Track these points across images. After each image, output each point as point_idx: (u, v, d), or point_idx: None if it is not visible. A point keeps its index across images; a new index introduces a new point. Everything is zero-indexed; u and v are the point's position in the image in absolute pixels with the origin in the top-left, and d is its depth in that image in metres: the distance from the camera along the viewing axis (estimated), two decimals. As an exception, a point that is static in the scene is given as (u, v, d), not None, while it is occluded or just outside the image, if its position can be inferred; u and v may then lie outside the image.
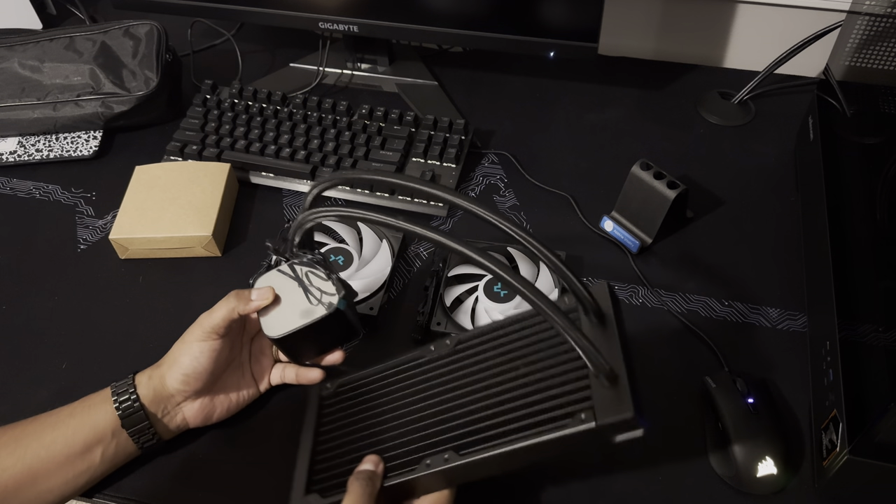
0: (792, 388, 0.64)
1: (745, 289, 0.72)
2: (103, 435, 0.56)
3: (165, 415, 0.59)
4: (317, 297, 0.57)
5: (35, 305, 0.73)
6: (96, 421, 0.56)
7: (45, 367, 0.68)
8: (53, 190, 0.84)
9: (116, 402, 0.56)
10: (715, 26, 0.95)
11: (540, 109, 0.92)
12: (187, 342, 0.58)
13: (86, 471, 0.56)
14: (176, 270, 0.75)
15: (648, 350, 0.67)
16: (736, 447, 0.57)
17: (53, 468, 0.54)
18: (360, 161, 0.81)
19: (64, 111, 0.85)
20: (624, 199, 0.75)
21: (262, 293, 0.58)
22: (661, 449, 0.61)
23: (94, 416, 0.56)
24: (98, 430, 0.56)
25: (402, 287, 0.73)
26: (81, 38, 0.88)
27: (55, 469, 0.54)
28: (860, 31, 0.68)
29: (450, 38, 0.85)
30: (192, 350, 0.57)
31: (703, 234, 0.77)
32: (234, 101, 0.88)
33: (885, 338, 0.50)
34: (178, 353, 0.58)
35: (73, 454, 0.55)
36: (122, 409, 0.56)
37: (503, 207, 0.80)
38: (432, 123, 0.85)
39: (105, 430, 0.56)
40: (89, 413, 0.56)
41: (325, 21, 0.87)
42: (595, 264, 0.75)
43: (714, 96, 0.91)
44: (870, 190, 0.60)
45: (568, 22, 0.80)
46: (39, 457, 0.54)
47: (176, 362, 0.57)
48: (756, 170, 0.83)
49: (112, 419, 0.56)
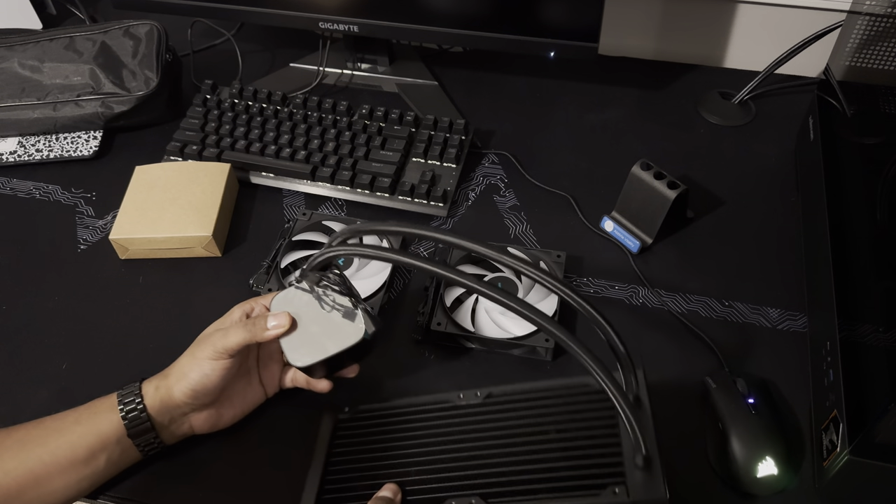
0: (792, 388, 0.64)
1: (745, 289, 0.72)
2: (108, 442, 0.56)
3: (172, 423, 0.59)
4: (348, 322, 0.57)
5: (35, 305, 0.73)
6: (101, 429, 0.56)
7: (45, 367, 0.68)
8: (53, 190, 0.84)
9: (123, 412, 0.56)
10: (715, 26, 0.95)
11: (540, 109, 0.92)
12: (198, 358, 0.57)
13: (89, 476, 0.56)
14: (176, 270, 0.75)
15: (648, 350, 0.67)
16: (736, 447, 0.57)
17: (56, 473, 0.54)
18: (361, 161, 0.81)
19: (64, 111, 0.85)
20: (624, 199, 0.75)
21: (280, 321, 0.57)
22: (662, 449, 0.61)
23: (99, 424, 0.56)
24: (103, 438, 0.56)
25: (403, 287, 0.73)
26: (81, 38, 0.88)
27: (58, 473, 0.54)
28: (860, 31, 0.68)
29: (450, 38, 0.85)
30: (203, 367, 0.56)
31: (704, 234, 0.77)
32: (234, 101, 0.88)
33: (885, 338, 0.50)
34: (187, 368, 0.57)
35: (78, 460, 0.55)
36: (129, 418, 0.56)
37: (503, 207, 0.80)
38: (432, 123, 0.85)
39: (110, 437, 0.56)
40: (95, 420, 0.56)
41: (325, 21, 0.87)
42: (595, 264, 0.75)
43: (714, 96, 0.91)
44: (870, 190, 0.60)
45: (568, 22, 0.80)
46: (43, 461, 0.54)
47: (185, 377, 0.57)
48: (756, 170, 0.83)
49: (118, 427, 0.56)
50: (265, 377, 0.62)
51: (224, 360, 0.56)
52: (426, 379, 0.66)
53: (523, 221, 0.79)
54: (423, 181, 0.79)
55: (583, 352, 0.47)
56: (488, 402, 0.57)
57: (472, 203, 0.81)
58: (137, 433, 0.56)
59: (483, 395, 0.58)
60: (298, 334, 0.58)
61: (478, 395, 0.58)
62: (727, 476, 0.59)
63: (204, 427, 0.60)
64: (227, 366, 0.57)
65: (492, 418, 0.56)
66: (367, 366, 0.63)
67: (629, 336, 0.68)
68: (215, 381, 0.57)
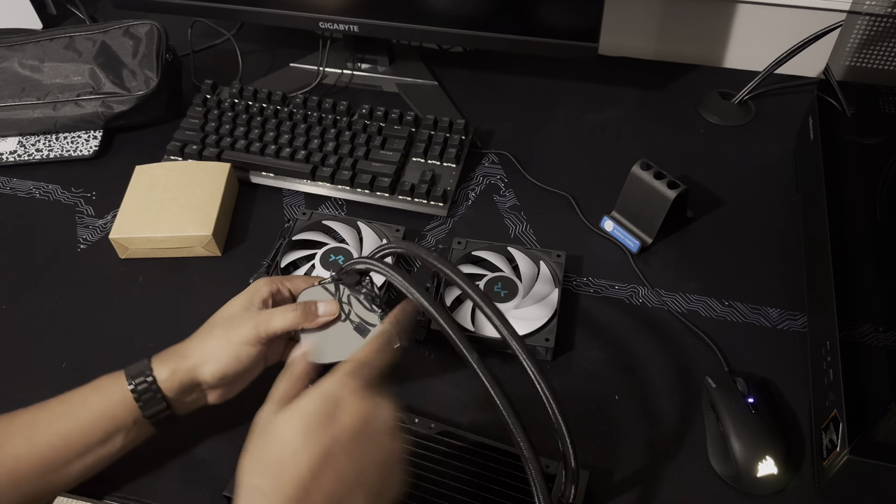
0: (792, 388, 0.64)
1: (745, 289, 0.72)
2: (123, 423, 0.55)
3: (188, 398, 0.57)
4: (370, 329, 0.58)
5: (35, 305, 0.73)
6: (115, 411, 0.55)
7: (45, 367, 0.68)
8: (53, 190, 0.84)
9: (135, 392, 0.55)
10: (715, 26, 0.95)
11: (540, 109, 0.92)
12: (233, 342, 0.55)
13: (107, 455, 0.55)
14: (176, 270, 0.75)
15: (648, 350, 0.67)
16: (736, 447, 0.57)
17: (73, 457, 0.54)
18: (360, 161, 0.81)
19: (64, 111, 0.85)
20: (624, 199, 0.76)
21: (329, 309, 0.57)
22: (662, 449, 0.61)
23: (111, 407, 0.55)
24: (118, 420, 0.55)
25: (403, 287, 0.73)
26: (81, 37, 0.88)
27: (74, 458, 0.54)
28: (860, 31, 0.68)
29: (450, 38, 0.85)
30: (238, 352, 0.55)
31: (703, 234, 0.77)
32: (234, 101, 0.88)
33: (885, 338, 0.50)
34: (220, 351, 0.55)
35: (93, 443, 0.54)
36: (143, 399, 0.55)
37: (503, 207, 0.80)
38: (432, 123, 0.85)
39: (125, 418, 0.55)
40: (106, 402, 0.55)
41: (325, 21, 0.87)
42: (595, 264, 0.75)
43: (714, 96, 0.91)
44: (870, 190, 0.60)
45: (568, 22, 0.80)
46: (55, 446, 0.53)
47: (217, 359, 0.55)
48: (756, 170, 0.83)
49: (131, 407, 0.55)
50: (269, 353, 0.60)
51: (259, 345, 0.56)
52: (426, 378, 0.66)
53: (523, 221, 0.79)
54: (423, 181, 0.79)
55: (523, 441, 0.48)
56: (438, 437, 0.60)
57: (472, 203, 0.81)
58: (153, 413, 0.55)
59: (437, 430, 0.60)
60: (321, 332, 0.58)
61: (431, 427, 0.60)
62: (727, 476, 0.59)
63: (218, 399, 0.59)
64: (262, 351, 0.56)
65: (432, 453, 0.59)
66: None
67: (629, 336, 0.69)
68: (247, 365, 0.56)
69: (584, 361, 0.67)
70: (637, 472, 0.60)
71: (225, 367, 0.55)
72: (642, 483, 0.59)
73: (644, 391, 0.65)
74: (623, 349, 0.68)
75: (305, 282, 0.61)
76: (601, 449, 0.61)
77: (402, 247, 0.57)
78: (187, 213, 0.75)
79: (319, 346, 0.57)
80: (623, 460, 0.61)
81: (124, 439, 0.56)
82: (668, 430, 0.62)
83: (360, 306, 0.59)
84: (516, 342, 0.49)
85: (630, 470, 0.60)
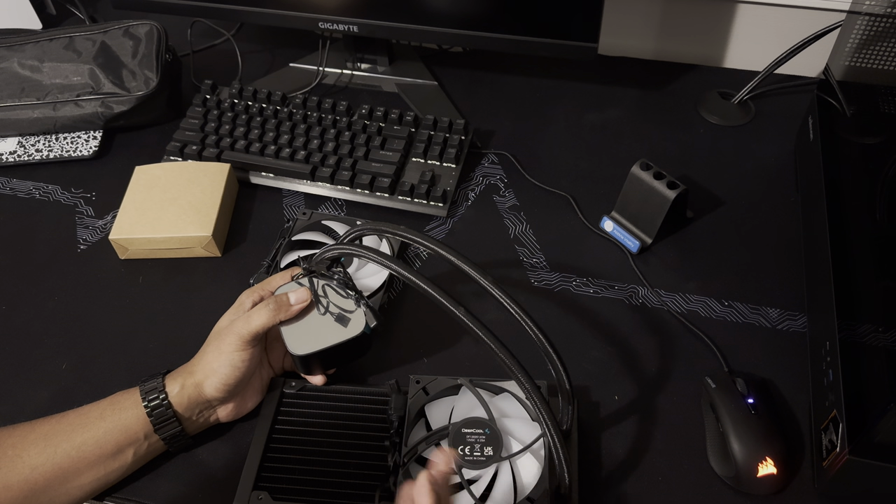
0: (792, 388, 0.64)
1: (745, 289, 0.72)
2: (135, 437, 0.57)
3: (199, 417, 0.59)
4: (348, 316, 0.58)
5: (35, 305, 0.73)
6: (128, 425, 0.56)
7: (45, 367, 0.68)
8: (53, 190, 0.84)
9: (148, 407, 0.57)
10: (715, 26, 0.95)
11: (540, 109, 0.92)
12: (225, 352, 0.57)
13: (118, 469, 0.57)
14: (176, 270, 0.75)
15: (648, 350, 0.67)
16: (735, 447, 0.57)
17: (84, 468, 0.55)
18: (360, 161, 0.81)
19: (64, 111, 0.85)
20: (624, 199, 0.75)
21: (300, 296, 0.58)
22: (661, 449, 0.61)
23: (125, 421, 0.56)
24: (130, 434, 0.56)
25: (403, 287, 0.73)
26: (81, 38, 0.88)
27: (86, 469, 0.55)
28: (860, 31, 0.68)
29: (450, 38, 0.85)
30: (233, 360, 0.57)
31: (703, 234, 0.77)
32: (234, 101, 0.88)
33: (885, 338, 0.50)
34: (216, 364, 0.57)
35: (105, 455, 0.56)
36: (155, 415, 0.57)
37: (503, 207, 0.80)
38: (432, 123, 0.85)
39: (137, 433, 0.57)
40: (120, 416, 0.57)
41: (325, 21, 0.87)
42: (595, 264, 0.75)
43: (714, 96, 0.91)
44: (870, 190, 0.60)
45: (568, 22, 0.80)
46: (70, 456, 0.54)
47: (215, 373, 0.57)
48: (756, 170, 0.83)
49: (143, 423, 0.57)
50: (272, 359, 0.64)
51: (250, 348, 0.57)
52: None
53: (523, 221, 0.79)
54: (423, 181, 0.79)
55: (525, 380, 0.49)
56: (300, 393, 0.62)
57: (472, 203, 0.81)
58: (164, 430, 0.57)
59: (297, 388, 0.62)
60: (300, 325, 0.59)
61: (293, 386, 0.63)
62: (727, 476, 0.59)
63: (230, 416, 0.61)
64: (255, 353, 0.58)
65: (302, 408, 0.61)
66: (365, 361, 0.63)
67: (629, 336, 0.69)
68: (245, 371, 0.57)
69: (584, 362, 0.67)
70: (637, 472, 0.60)
71: (225, 377, 0.57)
72: (642, 483, 0.59)
73: (644, 391, 0.65)
74: (623, 349, 0.68)
75: (282, 278, 0.62)
76: (601, 449, 0.61)
77: (368, 227, 0.58)
78: (187, 213, 0.75)
79: (301, 338, 0.58)
80: (623, 460, 0.61)
81: (135, 454, 0.57)
82: (667, 431, 0.62)
83: (335, 294, 0.60)
84: (486, 280, 0.51)
85: (630, 470, 0.60)
